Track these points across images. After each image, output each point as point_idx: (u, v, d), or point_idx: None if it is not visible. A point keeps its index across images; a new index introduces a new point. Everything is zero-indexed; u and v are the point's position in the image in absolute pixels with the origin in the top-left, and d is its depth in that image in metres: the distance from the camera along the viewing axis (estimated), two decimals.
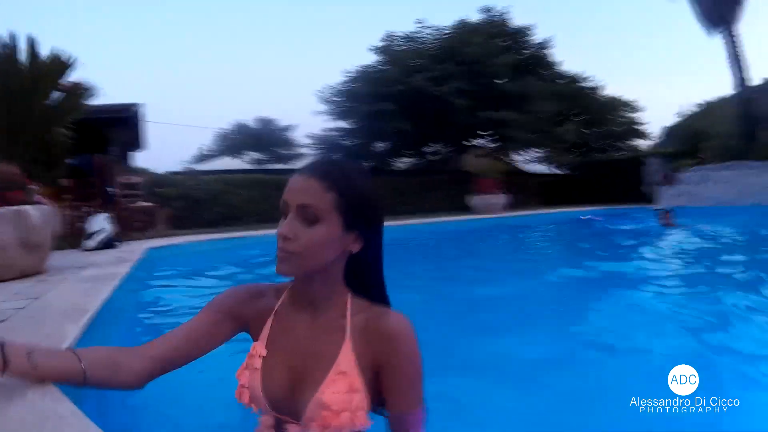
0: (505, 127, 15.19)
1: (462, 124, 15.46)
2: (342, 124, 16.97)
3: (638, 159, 15.82)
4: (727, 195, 12.38)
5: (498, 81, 15.67)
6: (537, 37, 17.18)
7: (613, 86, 45.15)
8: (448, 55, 15.47)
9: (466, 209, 13.29)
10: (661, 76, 70.12)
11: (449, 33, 16.57)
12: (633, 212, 11.40)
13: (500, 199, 13.23)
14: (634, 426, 1.40)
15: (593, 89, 18.98)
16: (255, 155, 20.96)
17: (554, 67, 17.92)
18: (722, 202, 12.11)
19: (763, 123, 15.00)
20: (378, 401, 0.85)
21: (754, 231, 7.82)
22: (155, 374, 0.82)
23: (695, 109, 24.25)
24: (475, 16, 17.15)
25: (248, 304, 0.91)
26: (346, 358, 0.81)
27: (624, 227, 9.01)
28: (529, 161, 19.63)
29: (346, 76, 16.61)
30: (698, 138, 16.43)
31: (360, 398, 0.80)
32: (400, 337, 0.81)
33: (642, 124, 19.90)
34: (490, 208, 12.65)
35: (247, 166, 19.79)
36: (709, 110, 21.36)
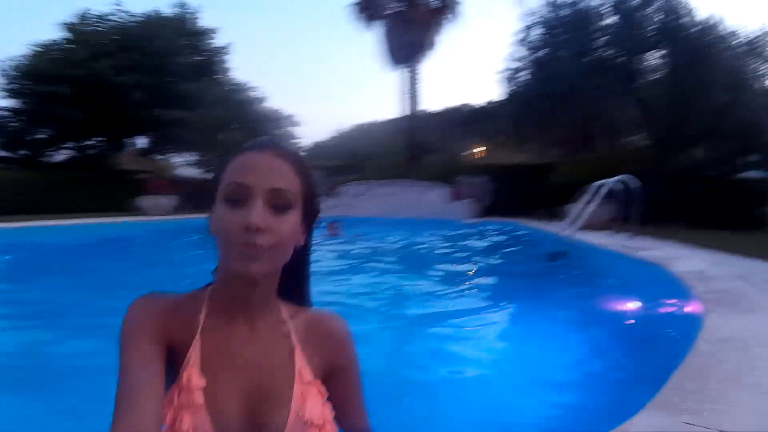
0: (173, 127, 15.10)
1: (133, 118, 15.06)
2: (14, 103, 14.85)
3: None
4: (386, 208, 13.45)
5: (176, 79, 15.57)
6: (218, 41, 17.76)
7: (279, 100, 49.87)
8: (135, 44, 14.78)
9: (123, 210, 12.63)
10: (324, 96, 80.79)
11: (139, 21, 15.85)
12: None
13: (171, 200, 13.02)
14: None
15: (257, 99, 19.63)
16: None
17: (227, 74, 18.60)
18: (381, 214, 13.12)
19: (425, 148, 17.70)
20: None
21: (409, 238, 9.28)
22: None
23: (352, 129, 27.52)
24: (167, 9, 16.82)
25: (170, 320, 0.69)
26: (305, 366, 0.72)
27: None
28: (182, 165, 19.75)
29: (31, 50, 14.62)
30: (355, 155, 18.08)
31: (329, 405, 0.73)
32: (348, 338, 0.77)
33: (298, 138, 21.50)
34: (160, 210, 12.32)
35: None
36: (367, 132, 24.44)
